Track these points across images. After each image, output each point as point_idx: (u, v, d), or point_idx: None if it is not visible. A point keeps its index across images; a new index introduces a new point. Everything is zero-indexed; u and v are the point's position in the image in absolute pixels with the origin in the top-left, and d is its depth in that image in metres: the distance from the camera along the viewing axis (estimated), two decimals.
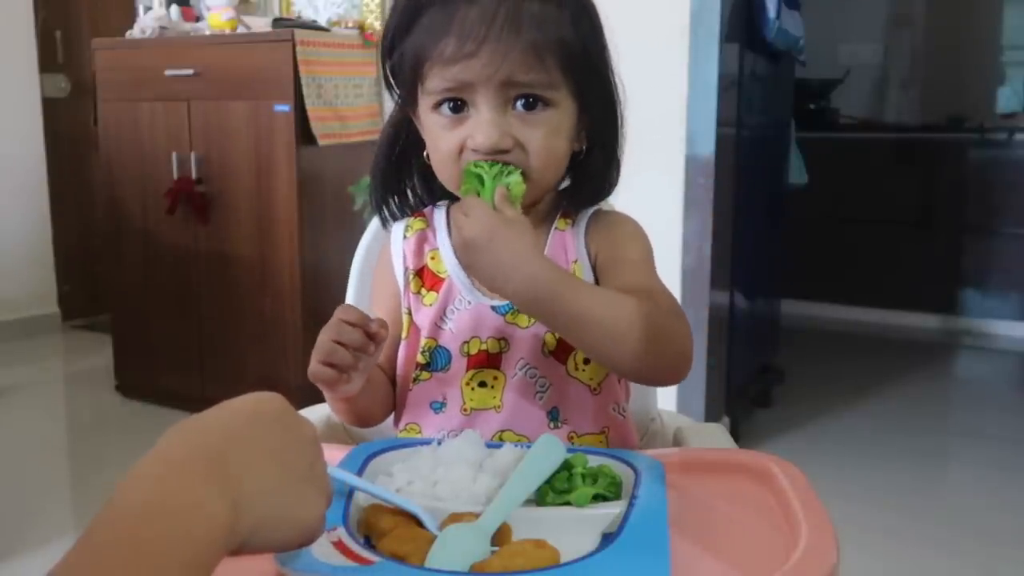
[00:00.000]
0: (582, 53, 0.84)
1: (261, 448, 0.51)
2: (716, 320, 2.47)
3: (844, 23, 4.43)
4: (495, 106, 0.82)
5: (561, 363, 0.88)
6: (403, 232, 0.96)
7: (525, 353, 0.88)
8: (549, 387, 0.88)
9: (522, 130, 0.82)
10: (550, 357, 0.87)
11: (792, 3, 2.65)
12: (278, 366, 2.72)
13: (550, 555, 0.60)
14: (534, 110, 0.82)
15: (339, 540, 0.61)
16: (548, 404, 0.88)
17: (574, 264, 0.89)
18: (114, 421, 2.97)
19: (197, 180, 2.81)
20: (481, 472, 0.71)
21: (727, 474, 0.76)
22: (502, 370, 0.88)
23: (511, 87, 0.81)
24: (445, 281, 0.91)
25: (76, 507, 2.35)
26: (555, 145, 0.84)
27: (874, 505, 2.28)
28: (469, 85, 0.81)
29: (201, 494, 0.46)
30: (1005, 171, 3.95)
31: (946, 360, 3.76)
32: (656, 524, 0.63)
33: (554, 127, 0.84)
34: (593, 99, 0.87)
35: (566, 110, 0.85)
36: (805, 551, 0.60)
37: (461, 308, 0.90)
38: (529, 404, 0.88)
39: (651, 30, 2.38)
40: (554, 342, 0.87)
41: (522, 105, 0.82)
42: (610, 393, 0.89)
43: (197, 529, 0.44)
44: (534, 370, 0.88)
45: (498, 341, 0.88)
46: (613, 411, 0.90)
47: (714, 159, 2.35)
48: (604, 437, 0.89)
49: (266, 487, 0.50)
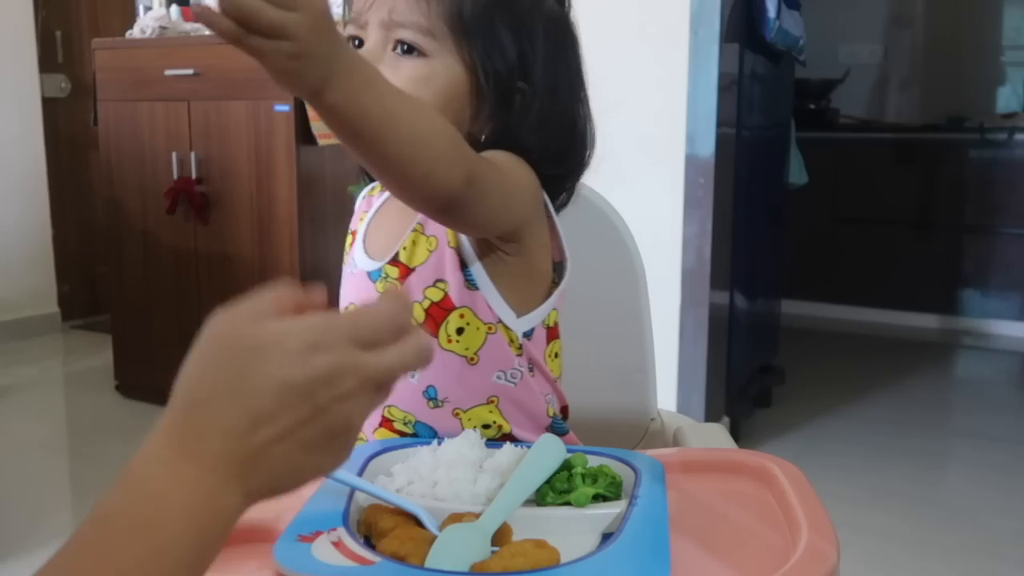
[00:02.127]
0: (481, 14, 0.80)
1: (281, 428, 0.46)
2: (716, 320, 2.47)
3: (844, 23, 4.43)
4: (375, 42, 0.80)
5: (432, 336, 0.82)
6: (366, 191, 0.96)
7: None
8: None
9: (387, 70, 0.77)
10: None
11: (792, 3, 2.65)
12: None
13: (550, 555, 0.60)
14: (408, 55, 0.80)
15: (339, 540, 0.61)
16: (423, 382, 0.84)
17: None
18: (114, 421, 2.96)
19: (197, 180, 2.81)
20: (481, 472, 0.71)
21: (727, 474, 0.76)
22: None
23: (391, 27, 0.79)
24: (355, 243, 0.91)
25: (76, 507, 2.35)
26: (416, 94, 0.77)
27: (874, 505, 2.28)
28: (362, 21, 0.81)
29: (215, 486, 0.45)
30: (1005, 171, 3.95)
31: (946, 360, 3.76)
32: (656, 524, 0.63)
33: (421, 76, 0.79)
34: (484, 70, 0.81)
35: (443, 66, 0.80)
36: (805, 551, 0.60)
37: (350, 272, 0.89)
38: (404, 383, 0.83)
39: (651, 30, 2.38)
40: (422, 314, 0.82)
41: (400, 50, 0.80)
42: (492, 361, 0.83)
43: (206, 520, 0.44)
44: None
45: None
46: (499, 379, 0.84)
47: (714, 159, 2.35)
48: (494, 407, 0.84)
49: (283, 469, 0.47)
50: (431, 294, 0.83)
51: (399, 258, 0.84)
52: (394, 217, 0.88)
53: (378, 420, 0.86)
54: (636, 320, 1.17)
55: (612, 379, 1.18)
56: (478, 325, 0.83)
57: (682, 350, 2.43)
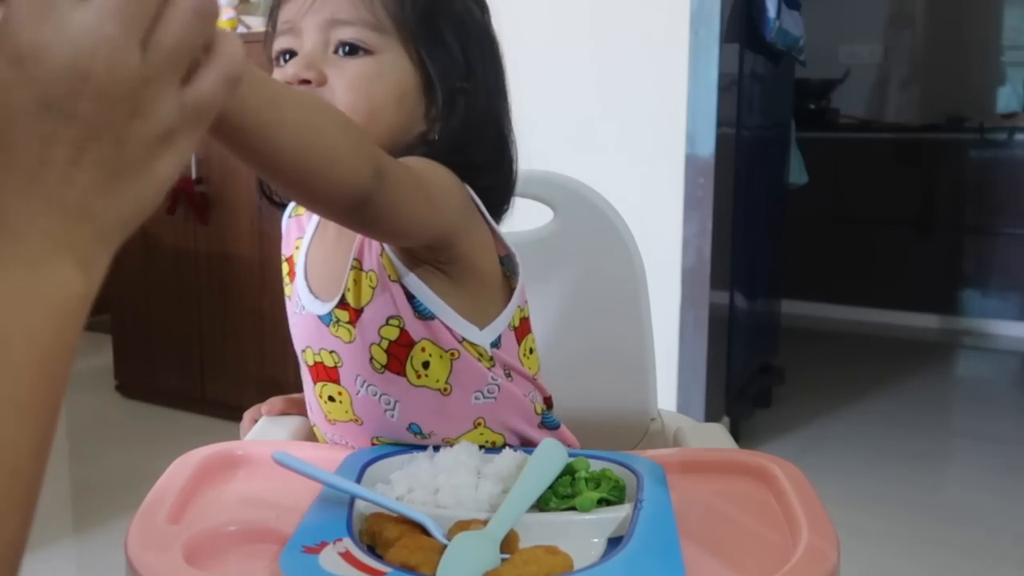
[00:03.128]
0: (416, 7, 0.78)
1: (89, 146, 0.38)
2: (716, 320, 2.47)
3: (844, 23, 4.43)
4: (314, 45, 0.77)
5: (400, 376, 0.79)
6: (290, 212, 0.91)
7: (359, 370, 0.80)
8: (397, 403, 0.80)
9: (333, 71, 0.76)
10: (386, 372, 0.79)
11: (792, 3, 2.65)
12: (278, 366, 2.72)
13: (563, 561, 0.59)
14: (354, 56, 0.77)
15: (346, 551, 0.60)
16: (404, 420, 0.81)
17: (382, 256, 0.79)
18: (114, 421, 2.96)
19: (197, 180, 2.81)
20: (482, 478, 0.70)
21: (727, 474, 0.76)
22: (343, 385, 0.81)
23: (333, 27, 0.77)
24: (296, 278, 0.86)
25: (76, 507, 2.35)
26: (369, 92, 0.77)
27: (874, 505, 2.28)
28: (296, 28, 0.77)
29: (46, 265, 0.38)
30: (1005, 171, 3.95)
31: (946, 360, 3.76)
32: (665, 527, 0.63)
33: (371, 73, 0.77)
34: (432, 65, 0.80)
35: (391, 62, 0.78)
36: (805, 551, 0.60)
37: (297, 312, 0.84)
38: (385, 422, 0.81)
39: (651, 31, 2.38)
40: (383, 357, 0.79)
41: (342, 51, 0.77)
42: (466, 385, 0.80)
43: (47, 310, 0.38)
44: (374, 387, 0.80)
45: (331, 354, 0.81)
46: (478, 400, 0.81)
47: (714, 159, 2.34)
48: (483, 427, 0.82)
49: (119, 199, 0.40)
50: (387, 333, 0.78)
51: (347, 300, 0.79)
52: (330, 251, 0.83)
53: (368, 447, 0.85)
54: (636, 320, 1.17)
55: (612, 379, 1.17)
56: (440, 354, 0.79)
57: (682, 350, 2.43)
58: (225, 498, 0.73)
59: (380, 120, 0.78)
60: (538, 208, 1.17)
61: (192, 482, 0.73)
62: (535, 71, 2.37)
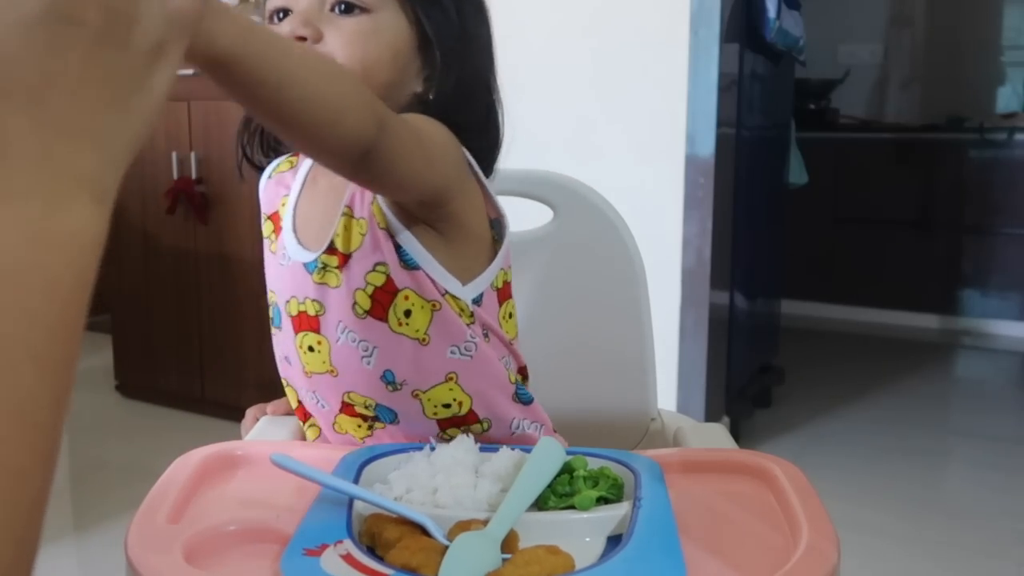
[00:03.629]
0: None
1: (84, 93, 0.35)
2: (716, 320, 2.47)
3: (844, 23, 4.43)
4: (308, 4, 0.78)
5: (381, 321, 0.82)
6: (269, 172, 0.93)
7: (341, 316, 0.83)
8: (375, 349, 0.83)
9: (329, 28, 0.78)
10: (367, 317, 0.82)
11: (792, 3, 2.65)
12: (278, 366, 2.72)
13: (565, 561, 0.59)
14: (350, 14, 0.79)
15: (348, 553, 0.60)
16: (379, 368, 0.83)
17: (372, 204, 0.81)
18: (114, 421, 2.96)
19: (197, 180, 2.81)
20: (480, 477, 0.70)
21: (727, 474, 0.76)
22: (323, 334, 0.84)
23: None
24: (282, 232, 0.88)
25: (76, 507, 2.35)
26: (365, 49, 0.79)
27: (874, 505, 2.28)
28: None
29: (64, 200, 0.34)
30: (1005, 171, 3.95)
31: (946, 360, 3.76)
32: (665, 526, 0.63)
33: (367, 30, 0.79)
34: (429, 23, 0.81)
35: (388, 20, 0.80)
36: (805, 551, 0.60)
37: (283, 264, 0.87)
38: (360, 370, 0.83)
39: (651, 30, 2.38)
40: (367, 302, 0.82)
41: (339, 9, 0.79)
42: (443, 337, 0.83)
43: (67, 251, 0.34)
44: (353, 334, 0.83)
45: (314, 303, 0.84)
46: (453, 354, 0.83)
47: (714, 159, 2.35)
48: (453, 383, 0.84)
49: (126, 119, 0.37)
50: (373, 279, 0.81)
51: (335, 245, 0.82)
52: (320, 203, 0.86)
53: (338, 406, 0.86)
54: (636, 320, 1.17)
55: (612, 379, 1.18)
56: (422, 304, 0.81)
57: (682, 350, 2.43)
58: (225, 498, 0.73)
59: (375, 77, 0.80)
60: (538, 208, 1.17)
61: (192, 482, 0.73)
62: (535, 71, 2.37)
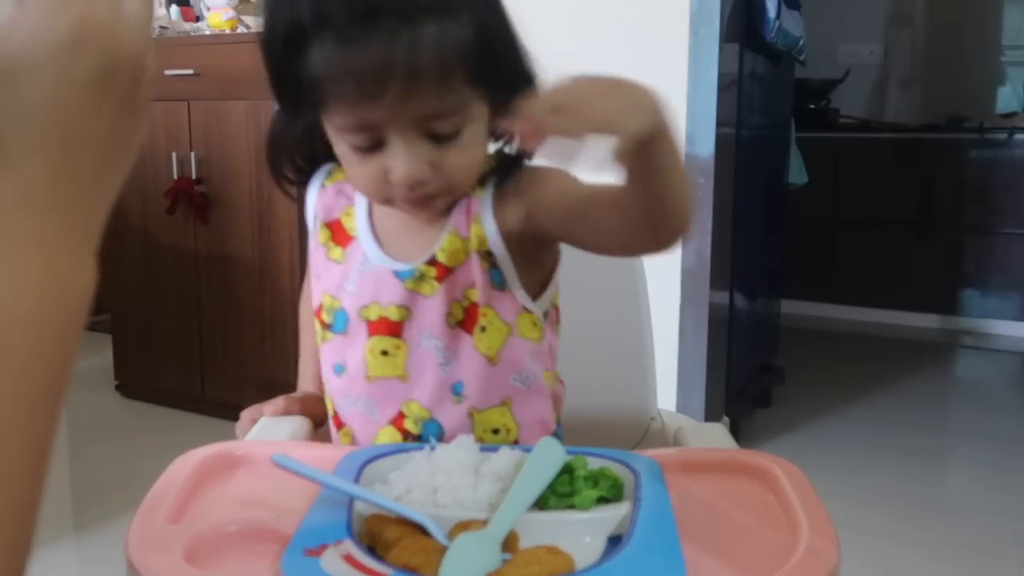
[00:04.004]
0: (487, 54, 0.78)
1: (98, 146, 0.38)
2: (716, 320, 2.47)
3: (844, 23, 4.43)
4: (409, 139, 0.78)
5: (468, 333, 0.85)
6: (322, 180, 0.94)
7: (429, 323, 0.86)
8: (454, 360, 0.86)
9: (439, 153, 0.79)
10: (456, 328, 0.86)
11: (792, 3, 2.65)
12: (278, 366, 2.72)
13: (565, 561, 0.59)
14: (455, 138, 0.79)
15: (348, 554, 0.59)
16: (452, 378, 0.86)
17: (473, 226, 0.85)
18: (114, 421, 2.96)
19: (197, 180, 2.81)
20: (480, 477, 0.70)
21: (727, 474, 0.76)
22: (404, 339, 0.86)
23: (427, 121, 0.77)
24: (353, 241, 0.90)
25: (76, 507, 2.35)
26: (474, 158, 0.83)
27: (874, 505, 2.28)
28: (385, 129, 0.78)
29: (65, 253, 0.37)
30: (1005, 171, 3.95)
31: (946, 360, 3.76)
32: (665, 526, 0.63)
33: (471, 141, 0.81)
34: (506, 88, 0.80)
35: (480, 117, 0.81)
36: (805, 551, 0.60)
37: (365, 270, 0.88)
38: (433, 377, 0.86)
39: (651, 30, 2.38)
40: (460, 313, 0.85)
41: (443, 139, 0.79)
42: (509, 364, 0.87)
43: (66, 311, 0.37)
44: (438, 341, 0.86)
45: (400, 308, 0.86)
46: (514, 382, 0.87)
47: (714, 159, 2.35)
48: (507, 408, 0.87)
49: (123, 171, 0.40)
50: (470, 294, 0.86)
51: (437, 258, 0.86)
52: (403, 218, 0.87)
53: (390, 416, 0.87)
54: (636, 320, 1.17)
55: (612, 379, 1.18)
56: (499, 325, 0.86)
57: (682, 350, 2.43)
58: (225, 498, 0.73)
59: (479, 171, 0.85)
60: None
61: (192, 482, 0.73)
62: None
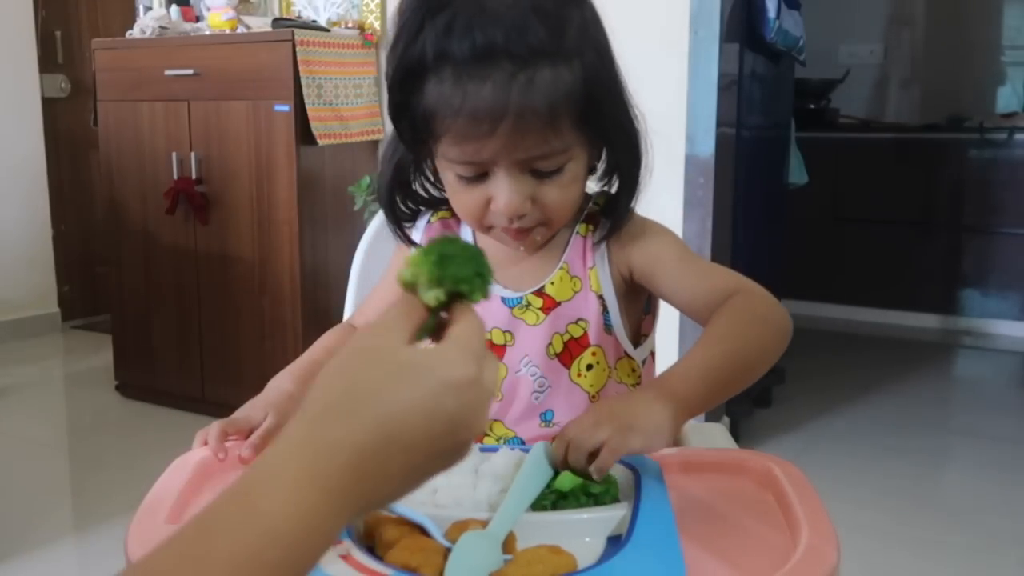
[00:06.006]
0: (596, 100, 0.80)
1: (415, 450, 0.46)
2: None
3: (844, 23, 4.43)
4: (513, 174, 0.80)
5: (565, 367, 0.90)
6: (428, 218, 0.98)
7: (530, 351, 0.90)
8: (548, 388, 0.90)
9: (539, 189, 0.82)
10: (555, 360, 0.90)
11: (792, 3, 2.65)
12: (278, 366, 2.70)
13: (567, 561, 0.59)
14: (557, 174, 0.82)
15: (347, 554, 0.60)
16: (543, 405, 0.90)
17: (591, 270, 0.90)
18: (114, 421, 2.96)
19: (197, 180, 2.81)
20: (480, 477, 0.70)
21: (727, 474, 0.76)
22: (505, 362, 0.91)
23: (531, 162, 0.80)
24: None
25: (76, 507, 2.35)
26: (572, 195, 0.85)
27: (874, 505, 2.28)
28: (490, 166, 0.81)
29: (330, 514, 0.43)
30: (1005, 171, 3.95)
31: (946, 360, 3.76)
32: (665, 526, 0.63)
33: (570, 179, 0.83)
34: (609, 134, 0.86)
35: (581, 157, 0.84)
36: (805, 551, 0.60)
37: None
38: (525, 400, 0.90)
39: (651, 30, 2.38)
40: (561, 345, 0.90)
41: (540, 172, 0.81)
42: None
43: (312, 544, 0.43)
44: (536, 369, 0.90)
45: (504, 333, 0.91)
46: None
47: (714, 159, 2.35)
48: None
49: (401, 484, 0.47)
50: (573, 330, 0.90)
51: (545, 291, 0.90)
52: (504, 250, 0.90)
53: None
54: None
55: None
56: (605, 366, 0.90)
57: (682, 350, 2.43)
58: None
59: (575, 210, 0.89)
60: None
61: (192, 482, 0.73)
62: None
